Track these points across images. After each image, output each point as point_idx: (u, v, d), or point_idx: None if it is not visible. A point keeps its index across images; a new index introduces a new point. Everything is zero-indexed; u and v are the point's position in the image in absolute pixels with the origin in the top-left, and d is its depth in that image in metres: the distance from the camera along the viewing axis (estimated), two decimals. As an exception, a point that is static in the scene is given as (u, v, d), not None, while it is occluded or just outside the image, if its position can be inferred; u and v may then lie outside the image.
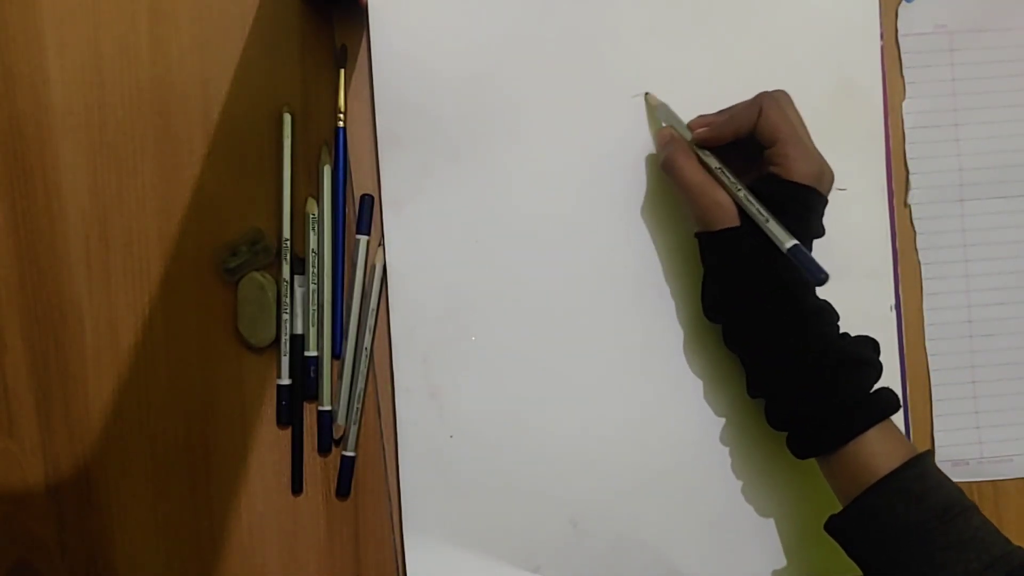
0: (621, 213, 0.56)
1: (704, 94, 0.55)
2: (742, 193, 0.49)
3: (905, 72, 0.56)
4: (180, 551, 0.56)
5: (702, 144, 0.51)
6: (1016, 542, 0.57)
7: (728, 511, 0.56)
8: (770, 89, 0.51)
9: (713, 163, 0.50)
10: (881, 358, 0.50)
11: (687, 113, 0.54)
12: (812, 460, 0.50)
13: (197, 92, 0.55)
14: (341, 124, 0.55)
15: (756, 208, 0.48)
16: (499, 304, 0.55)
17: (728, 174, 0.50)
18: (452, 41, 0.55)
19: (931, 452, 0.47)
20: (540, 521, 0.55)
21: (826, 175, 0.50)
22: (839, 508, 0.48)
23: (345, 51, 0.55)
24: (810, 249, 0.49)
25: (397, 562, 0.56)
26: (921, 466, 0.46)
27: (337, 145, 0.55)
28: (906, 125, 0.56)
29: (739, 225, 0.49)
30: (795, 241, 0.47)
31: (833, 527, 0.48)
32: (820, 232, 0.50)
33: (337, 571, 0.56)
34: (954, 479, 0.56)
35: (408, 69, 0.55)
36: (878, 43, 0.56)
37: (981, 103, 0.56)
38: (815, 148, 0.50)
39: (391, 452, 0.56)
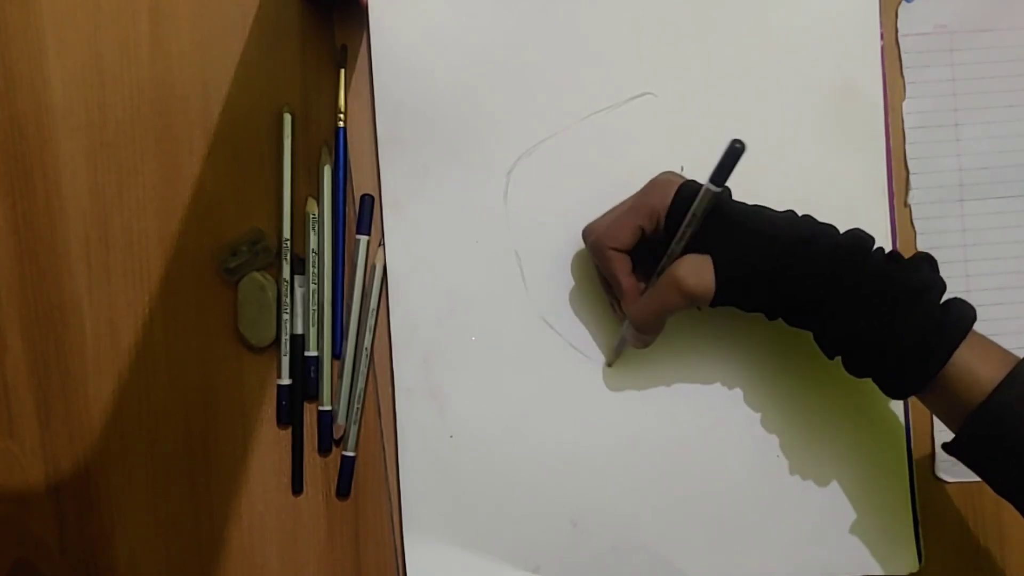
0: (621, 213, 0.56)
1: (704, 94, 0.55)
2: (664, 259, 0.48)
3: (905, 72, 0.56)
4: (180, 551, 0.56)
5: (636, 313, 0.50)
6: (1017, 540, 0.57)
7: (728, 511, 0.56)
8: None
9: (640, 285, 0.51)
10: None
11: (685, 114, 0.54)
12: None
13: (197, 92, 0.55)
14: (341, 124, 0.55)
15: (683, 226, 0.47)
16: (499, 304, 0.55)
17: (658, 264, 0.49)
18: (452, 41, 0.55)
19: None
20: (540, 521, 0.55)
21: (663, 187, 0.49)
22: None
23: (345, 51, 0.55)
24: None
25: (397, 562, 0.56)
26: (1021, 379, 0.44)
27: (337, 145, 0.55)
28: (906, 125, 0.56)
29: (714, 259, 0.47)
30: (703, 184, 0.45)
31: (950, 451, 0.47)
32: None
33: (337, 571, 0.56)
34: (954, 478, 0.56)
35: (408, 69, 0.55)
36: (878, 43, 0.56)
37: (981, 103, 0.56)
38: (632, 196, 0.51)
39: (391, 452, 0.56)
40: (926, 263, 0.47)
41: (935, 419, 0.56)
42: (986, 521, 0.56)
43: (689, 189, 0.48)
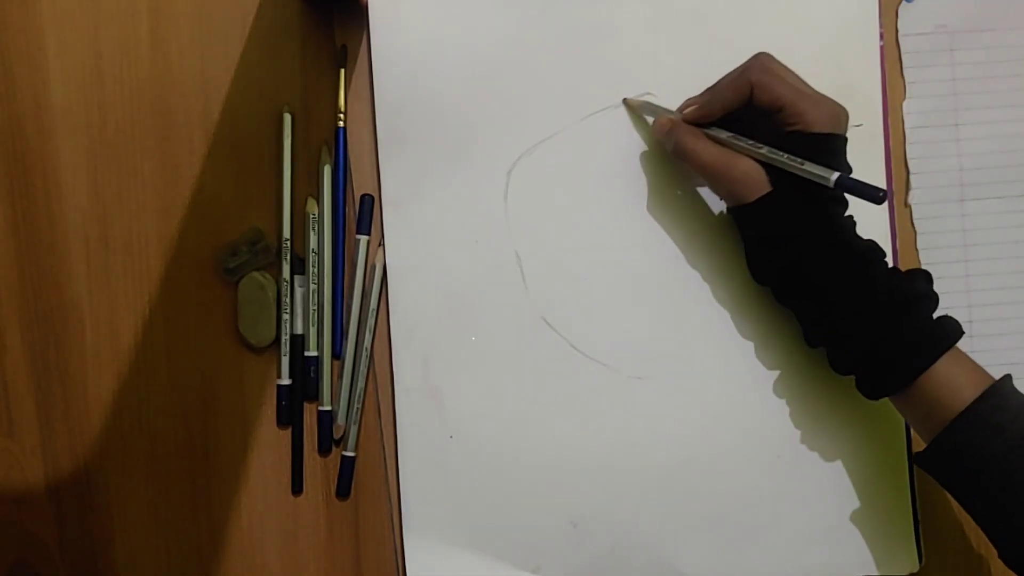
0: (621, 211, 0.56)
1: (704, 94, 0.55)
2: (765, 150, 0.48)
3: (905, 72, 0.56)
4: (180, 551, 0.56)
5: (693, 122, 0.51)
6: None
7: (728, 511, 0.56)
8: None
9: (723, 135, 0.50)
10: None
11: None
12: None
13: (197, 92, 0.55)
14: (341, 124, 0.55)
15: (786, 158, 0.48)
16: (499, 304, 0.55)
17: (743, 140, 0.49)
18: (452, 41, 0.55)
19: (1009, 377, 0.47)
20: (540, 521, 0.55)
21: (842, 115, 0.49)
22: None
23: (345, 51, 0.55)
24: None
25: (397, 562, 0.56)
26: (998, 396, 0.45)
27: (337, 145, 0.55)
28: (906, 125, 0.56)
29: (772, 189, 0.49)
30: (837, 173, 0.46)
31: (919, 463, 0.48)
32: (849, 170, 0.50)
33: (337, 571, 0.56)
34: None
35: (408, 69, 0.55)
36: (878, 43, 0.56)
37: (981, 103, 0.56)
38: (819, 93, 0.49)
39: (391, 452, 0.56)
40: (923, 277, 0.49)
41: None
42: (986, 521, 0.56)
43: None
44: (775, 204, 0.49)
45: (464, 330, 0.55)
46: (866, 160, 0.56)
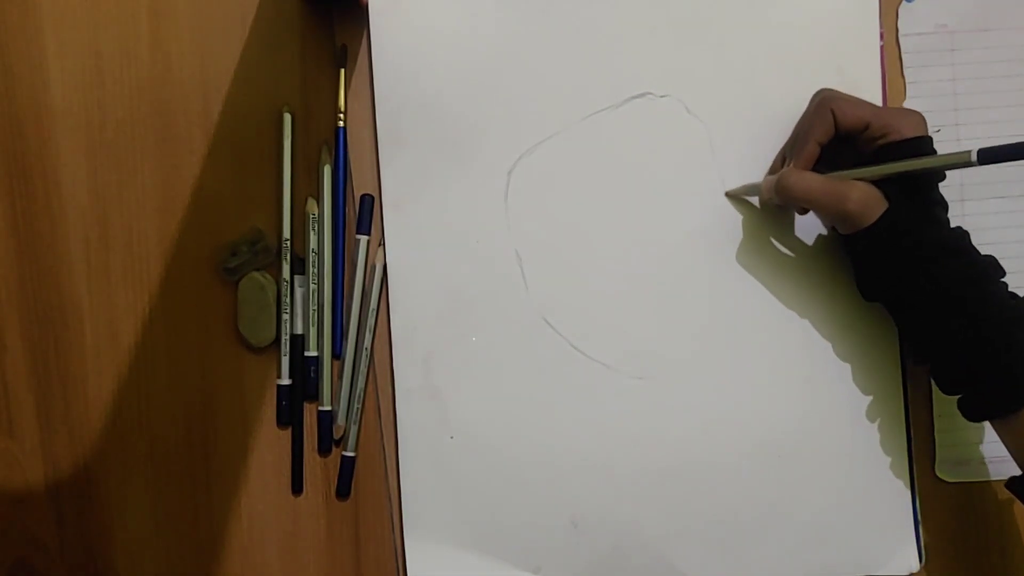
0: (622, 211, 0.56)
1: (704, 94, 0.55)
2: (881, 168, 0.48)
3: (905, 72, 0.56)
4: (180, 551, 0.56)
5: (801, 168, 0.51)
6: (1017, 540, 0.57)
7: (728, 511, 0.56)
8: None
9: (822, 170, 0.50)
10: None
11: (684, 114, 0.54)
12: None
13: (197, 92, 0.55)
14: (341, 124, 0.55)
15: (905, 165, 0.48)
16: (499, 304, 0.55)
17: (849, 171, 0.49)
18: (452, 41, 0.55)
19: None
20: (540, 521, 0.55)
21: (922, 118, 0.50)
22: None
23: (345, 51, 0.55)
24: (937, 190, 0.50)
25: (397, 562, 0.56)
26: None
27: (337, 145, 0.55)
28: (906, 125, 0.56)
29: (889, 205, 0.48)
30: (974, 149, 0.46)
31: (1016, 487, 0.48)
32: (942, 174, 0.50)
33: (337, 571, 0.56)
34: (954, 478, 0.56)
35: (408, 69, 0.55)
36: (878, 43, 0.56)
37: (981, 103, 0.56)
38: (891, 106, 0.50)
39: (391, 452, 0.56)
40: None
41: (936, 419, 0.56)
42: (986, 521, 0.56)
43: (927, 145, 0.49)
44: (896, 220, 0.48)
45: (464, 330, 0.55)
46: (866, 160, 0.56)
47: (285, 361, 0.55)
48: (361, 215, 0.55)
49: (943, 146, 0.56)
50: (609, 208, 0.55)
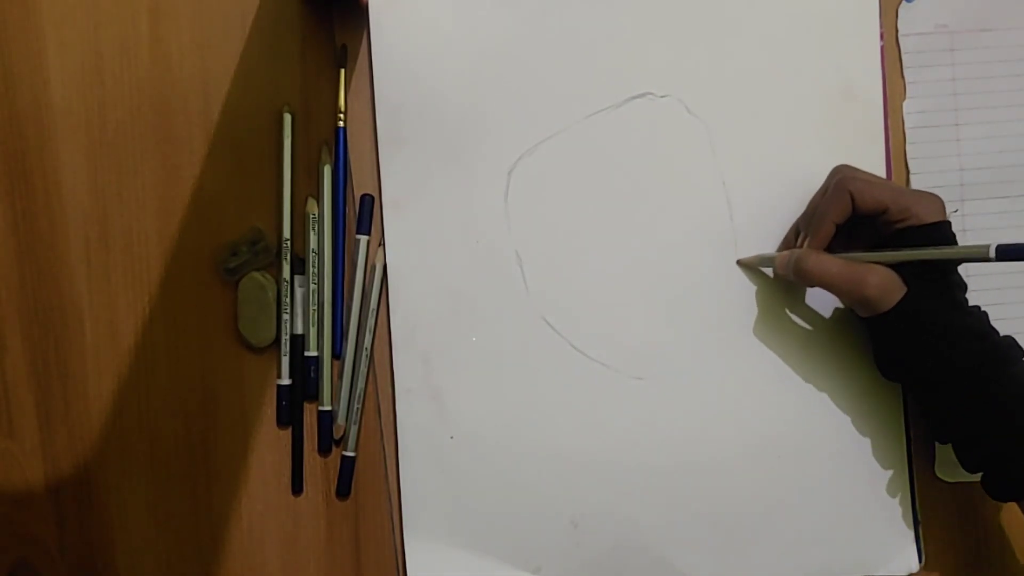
0: (622, 211, 0.56)
1: (705, 94, 0.55)
2: (899, 253, 0.48)
3: (905, 72, 0.56)
4: (180, 551, 0.56)
5: (815, 248, 0.51)
6: (1017, 540, 0.57)
7: (728, 511, 0.56)
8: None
9: (840, 252, 0.50)
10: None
11: (684, 114, 0.54)
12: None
13: (197, 92, 0.55)
14: (341, 124, 0.55)
15: (924, 253, 0.48)
16: (500, 304, 0.55)
17: (866, 254, 0.49)
18: (452, 41, 0.55)
19: None
20: (540, 521, 0.55)
21: (942, 202, 0.49)
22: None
23: (345, 51, 0.55)
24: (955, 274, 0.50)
25: (397, 562, 0.56)
26: None
27: (337, 145, 0.55)
28: (906, 125, 0.56)
29: (908, 289, 0.48)
30: (993, 244, 0.45)
31: None
32: None
33: (337, 571, 0.56)
34: (954, 478, 0.56)
35: (408, 69, 0.55)
36: (878, 43, 0.56)
37: (981, 103, 0.56)
38: (910, 188, 0.50)
39: (391, 452, 0.56)
40: None
41: (935, 419, 0.56)
42: (986, 521, 0.56)
43: (946, 230, 0.49)
44: (916, 306, 0.48)
45: (464, 330, 0.55)
46: (866, 160, 0.56)
47: (285, 361, 0.55)
48: (361, 215, 0.55)
49: (943, 146, 0.56)
50: (609, 208, 0.56)
